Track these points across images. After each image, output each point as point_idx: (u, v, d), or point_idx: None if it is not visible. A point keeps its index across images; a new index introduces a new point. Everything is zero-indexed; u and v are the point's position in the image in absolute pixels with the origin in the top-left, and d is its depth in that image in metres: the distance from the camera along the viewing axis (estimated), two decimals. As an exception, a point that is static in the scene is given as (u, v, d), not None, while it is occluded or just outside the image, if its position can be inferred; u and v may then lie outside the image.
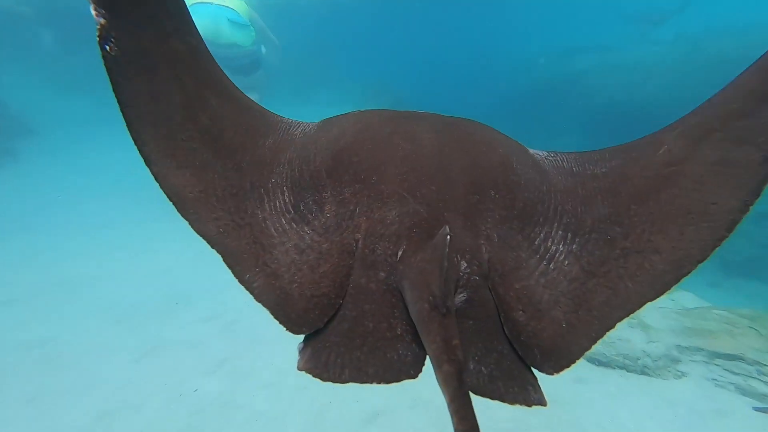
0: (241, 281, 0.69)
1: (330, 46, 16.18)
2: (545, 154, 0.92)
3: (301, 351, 0.64)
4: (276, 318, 0.66)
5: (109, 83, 0.67)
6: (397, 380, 0.60)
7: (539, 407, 0.63)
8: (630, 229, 0.73)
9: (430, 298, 0.57)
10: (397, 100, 13.75)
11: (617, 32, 13.76)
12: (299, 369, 0.62)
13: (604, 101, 10.90)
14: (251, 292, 0.68)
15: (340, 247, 0.71)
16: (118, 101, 0.67)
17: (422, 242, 0.67)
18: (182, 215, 0.71)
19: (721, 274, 8.06)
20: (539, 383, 0.65)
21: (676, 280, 0.69)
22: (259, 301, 0.67)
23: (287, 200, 0.77)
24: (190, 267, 4.63)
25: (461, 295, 0.66)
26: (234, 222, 0.72)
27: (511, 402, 0.62)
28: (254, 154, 0.79)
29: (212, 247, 0.70)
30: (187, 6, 0.79)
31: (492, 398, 0.62)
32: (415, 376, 0.60)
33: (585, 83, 11.79)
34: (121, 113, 0.68)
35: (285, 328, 0.65)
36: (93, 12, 0.63)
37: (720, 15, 11.11)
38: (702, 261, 0.68)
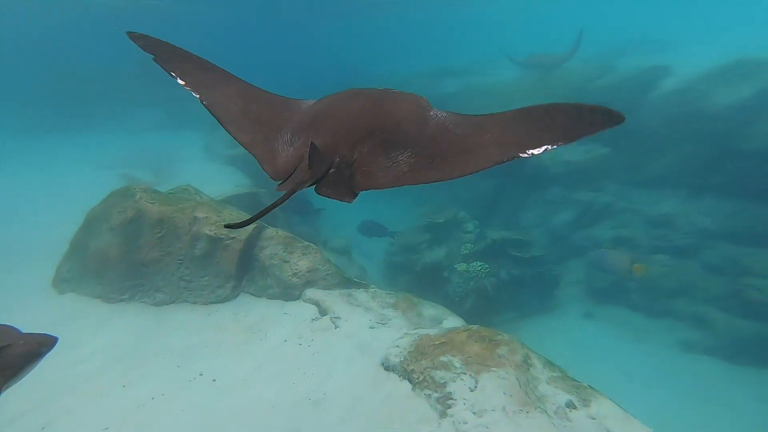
0: (259, 162, 1.53)
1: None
2: (444, 114, 1.60)
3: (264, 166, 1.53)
4: (264, 169, 1.52)
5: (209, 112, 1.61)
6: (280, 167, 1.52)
7: None
8: (442, 154, 1.43)
9: (308, 165, 1.36)
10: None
11: (478, 57, 14.30)
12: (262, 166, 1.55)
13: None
14: (260, 163, 1.53)
15: (299, 153, 1.51)
16: (215, 117, 1.61)
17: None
18: (245, 149, 1.58)
19: (591, 302, 8.25)
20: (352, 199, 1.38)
21: (444, 178, 1.38)
22: (263, 168, 1.52)
23: (289, 136, 1.58)
24: None
25: (332, 170, 1.40)
26: (264, 145, 1.59)
27: (330, 197, 1.38)
28: (278, 119, 1.68)
29: (255, 158, 1.56)
30: None
31: (322, 194, 1.37)
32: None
33: (453, 106, 11.72)
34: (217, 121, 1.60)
35: (268, 173, 1.50)
36: (194, 94, 1.61)
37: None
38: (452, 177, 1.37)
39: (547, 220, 9.59)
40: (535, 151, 1.27)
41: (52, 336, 1.51)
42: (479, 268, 8.27)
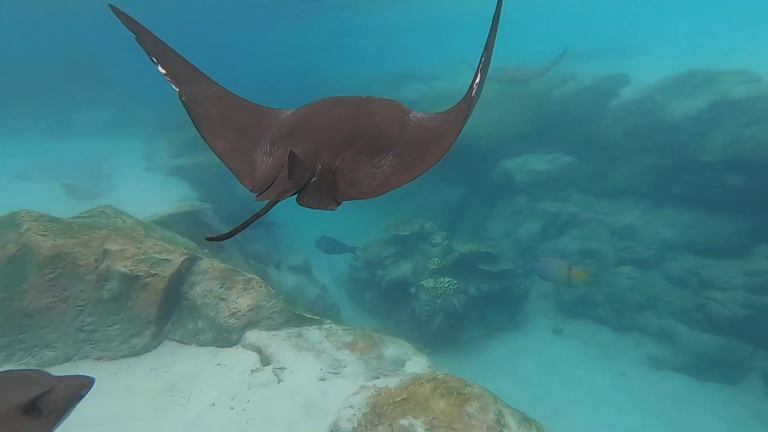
0: (237, 176, 1.46)
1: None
2: (422, 116, 1.59)
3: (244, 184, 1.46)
4: (242, 183, 1.44)
5: (187, 112, 1.47)
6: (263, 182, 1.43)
7: None
8: (421, 149, 1.44)
9: (288, 174, 1.31)
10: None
11: (442, 63, 14.05)
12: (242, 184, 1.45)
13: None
14: (238, 178, 1.45)
15: (279, 162, 1.45)
16: (191, 118, 1.49)
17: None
18: (221, 160, 1.49)
19: (560, 317, 8.00)
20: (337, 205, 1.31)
21: (425, 170, 1.38)
22: (241, 182, 1.45)
23: (268, 146, 1.53)
24: None
25: (313, 179, 1.34)
26: (242, 156, 1.52)
27: (312, 207, 1.31)
28: (256, 128, 1.62)
29: (231, 172, 1.49)
30: None
31: (304, 204, 1.31)
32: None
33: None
34: (192, 123, 1.48)
35: (247, 187, 1.42)
36: (173, 87, 1.47)
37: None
38: (429, 167, 1.38)
39: (514, 231, 9.33)
40: (477, 78, 1.35)
41: (90, 377, 1.54)
42: (447, 284, 7.82)
